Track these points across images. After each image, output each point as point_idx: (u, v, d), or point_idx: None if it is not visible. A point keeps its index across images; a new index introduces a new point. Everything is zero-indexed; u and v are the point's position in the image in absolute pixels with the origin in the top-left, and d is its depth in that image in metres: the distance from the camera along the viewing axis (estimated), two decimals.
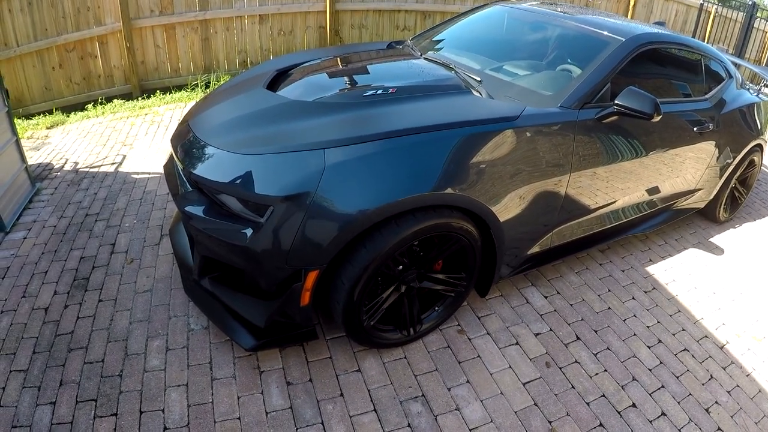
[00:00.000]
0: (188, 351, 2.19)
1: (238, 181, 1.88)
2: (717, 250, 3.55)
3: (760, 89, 4.09)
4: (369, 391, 2.08)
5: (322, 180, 1.79)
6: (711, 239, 3.71)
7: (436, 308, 2.35)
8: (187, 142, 2.19)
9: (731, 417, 2.24)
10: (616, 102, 2.36)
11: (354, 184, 1.82)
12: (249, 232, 1.83)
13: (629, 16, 7.70)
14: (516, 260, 2.48)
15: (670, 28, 7.53)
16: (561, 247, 2.71)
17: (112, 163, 4.03)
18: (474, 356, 2.32)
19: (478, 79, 2.55)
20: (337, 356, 2.22)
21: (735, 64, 4.28)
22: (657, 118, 2.32)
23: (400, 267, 2.11)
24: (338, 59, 2.97)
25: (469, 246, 2.18)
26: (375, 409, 2.01)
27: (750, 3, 7.63)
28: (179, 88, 5.91)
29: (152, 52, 5.66)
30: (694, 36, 8.31)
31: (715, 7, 8.18)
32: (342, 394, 2.05)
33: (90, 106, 5.45)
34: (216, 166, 2.00)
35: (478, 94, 2.40)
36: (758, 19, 7.68)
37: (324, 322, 2.38)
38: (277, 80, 2.65)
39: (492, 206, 2.11)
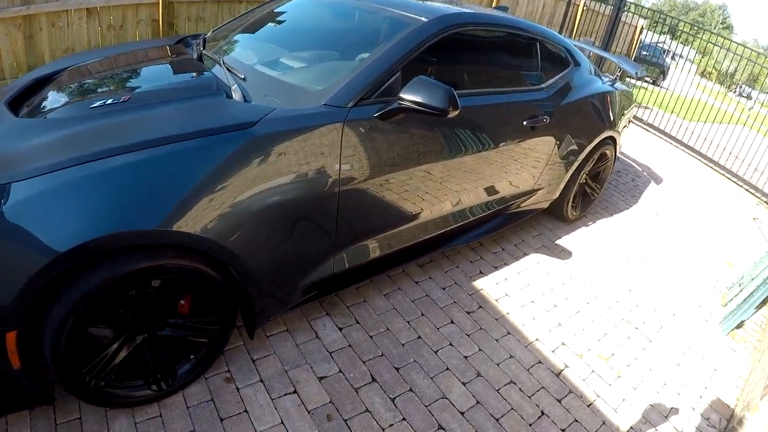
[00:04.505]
0: None
1: None
2: (564, 254, 3.27)
3: (615, 78, 3.89)
4: None
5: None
6: (558, 241, 3.42)
7: (192, 357, 1.87)
8: None
9: None
10: (399, 95, 1.95)
11: (36, 226, 1.40)
12: None
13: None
14: (290, 294, 2.00)
15: (538, 22, 7.46)
16: (361, 267, 2.27)
17: None
18: (240, 411, 1.85)
19: (242, 76, 2.06)
20: (87, 417, 1.76)
21: (600, 57, 4.07)
22: (454, 113, 1.93)
23: (129, 317, 1.66)
24: (104, 63, 2.41)
25: (205, 287, 1.70)
26: None
27: None
28: None
29: None
30: (561, 29, 8.35)
31: (583, 0, 8.28)
32: None
33: None
34: None
35: (231, 97, 1.91)
36: (626, 12, 7.83)
37: None
38: (33, 91, 2.15)
39: (224, 240, 1.63)
